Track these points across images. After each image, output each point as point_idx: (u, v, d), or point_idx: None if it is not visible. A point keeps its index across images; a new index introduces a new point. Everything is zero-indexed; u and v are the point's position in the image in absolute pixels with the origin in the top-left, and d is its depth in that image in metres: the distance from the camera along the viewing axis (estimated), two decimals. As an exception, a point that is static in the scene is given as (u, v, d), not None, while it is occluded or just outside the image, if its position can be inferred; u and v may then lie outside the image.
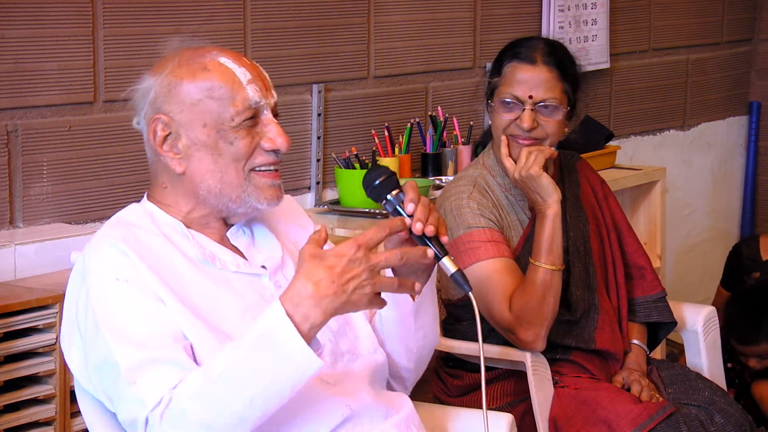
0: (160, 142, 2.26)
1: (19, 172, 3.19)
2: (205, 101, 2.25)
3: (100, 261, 2.20)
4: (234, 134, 2.25)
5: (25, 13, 3.18)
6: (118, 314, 2.15)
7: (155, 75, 2.28)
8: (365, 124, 4.07)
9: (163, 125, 2.26)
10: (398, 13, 4.19)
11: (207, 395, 2.07)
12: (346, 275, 2.07)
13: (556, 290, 3.05)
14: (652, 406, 3.03)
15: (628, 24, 5.23)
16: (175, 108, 2.25)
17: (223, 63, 2.27)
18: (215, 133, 2.25)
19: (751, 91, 6.09)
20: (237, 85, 2.26)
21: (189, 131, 2.25)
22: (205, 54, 2.28)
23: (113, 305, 2.16)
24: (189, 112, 2.25)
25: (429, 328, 2.46)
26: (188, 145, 2.26)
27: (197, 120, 2.25)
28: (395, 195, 2.25)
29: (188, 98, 2.25)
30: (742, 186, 6.15)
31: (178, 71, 2.26)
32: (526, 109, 3.09)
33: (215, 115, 2.25)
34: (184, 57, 2.28)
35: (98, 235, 2.26)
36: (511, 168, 3.08)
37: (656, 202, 4.49)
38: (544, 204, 3.06)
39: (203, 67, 2.26)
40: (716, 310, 3.56)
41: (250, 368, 2.06)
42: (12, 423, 2.84)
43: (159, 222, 2.29)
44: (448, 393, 3.28)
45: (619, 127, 5.17)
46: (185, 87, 2.25)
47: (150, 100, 2.28)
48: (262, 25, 3.74)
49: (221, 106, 2.25)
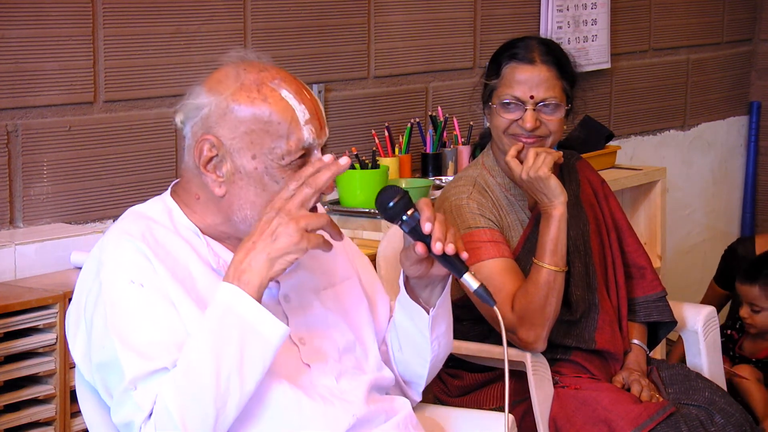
0: (204, 162, 2.22)
1: (19, 172, 3.19)
2: (259, 133, 2.20)
3: (117, 259, 2.19)
4: (281, 174, 2.22)
5: (25, 13, 3.18)
6: (128, 318, 2.15)
7: (212, 93, 2.22)
8: (365, 124, 4.07)
9: (210, 146, 2.21)
10: (398, 13, 4.19)
11: (184, 388, 2.08)
12: (266, 229, 2.13)
13: (559, 291, 3.05)
14: (652, 406, 3.03)
15: (628, 24, 5.23)
16: (227, 133, 2.21)
17: (285, 98, 2.21)
18: (263, 167, 2.21)
19: (751, 91, 6.09)
20: (294, 124, 2.21)
21: (237, 158, 2.21)
22: (268, 81, 2.22)
23: (124, 308, 2.16)
24: (240, 140, 2.20)
25: (443, 337, 2.47)
26: (233, 172, 2.22)
27: (247, 149, 2.20)
28: (411, 215, 2.26)
29: (243, 126, 2.20)
30: (742, 186, 6.15)
31: (237, 95, 2.21)
32: (528, 110, 3.10)
33: (267, 150, 2.20)
34: (247, 81, 2.21)
35: (117, 229, 2.25)
36: (518, 168, 3.08)
37: (656, 202, 4.49)
38: (551, 205, 3.05)
39: (264, 97, 2.20)
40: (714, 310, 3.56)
41: (216, 349, 2.08)
42: (12, 423, 2.84)
43: (177, 222, 2.28)
44: (448, 393, 3.28)
45: (619, 127, 5.17)
46: (242, 114, 2.20)
47: (202, 117, 2.22)
48: (262, 25, 3.74)
49: (274, 142, 2.20)
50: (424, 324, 2.41)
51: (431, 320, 2.39)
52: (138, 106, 3.43)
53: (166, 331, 2.15)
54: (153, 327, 2.15)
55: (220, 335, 2.09)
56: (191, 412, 2.09)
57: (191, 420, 2.09)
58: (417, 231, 2.25)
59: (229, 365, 2.09)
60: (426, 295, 2.39)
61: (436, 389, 3.31)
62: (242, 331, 2.10)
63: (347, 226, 3.70)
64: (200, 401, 2.09)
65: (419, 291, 2.39)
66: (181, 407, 2.08)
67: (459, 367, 3.25)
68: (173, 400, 2.08)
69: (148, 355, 2.13)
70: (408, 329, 2.44)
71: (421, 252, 2.25)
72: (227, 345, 2.09)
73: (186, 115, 2.26)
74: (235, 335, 2.09)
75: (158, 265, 2.19)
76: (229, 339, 2.09)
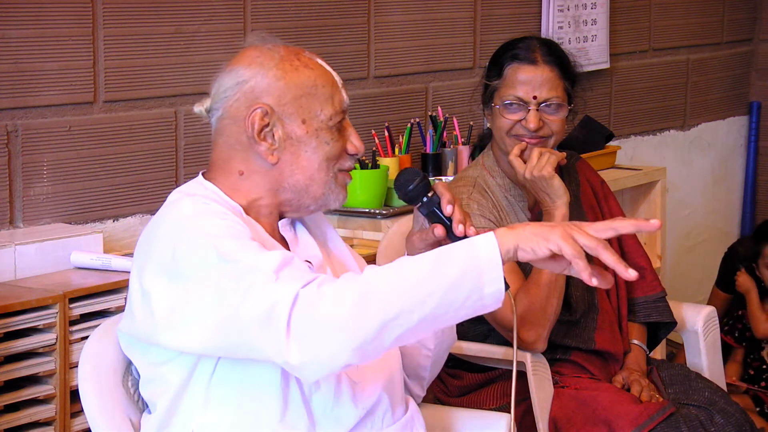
0: (258, 131, 2.27)
1: (19, 172, 3.19)
2: (306, 98, 2.28)
3: (202, 211, 2.19)
4: (329, 135, 2.30)
5: (25, 13, 3.18)
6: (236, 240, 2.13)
7: (254, 67, 2.28)
8: (365, 124, 4.07)
9: (263, 114, 2.27)
10: (398, 13, 4.20)
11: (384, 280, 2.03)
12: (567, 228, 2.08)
13: (560, 292, 3.05)
14: (652, 406, 3.03)
15: (628, 24, 5.23)
16: (276, 100, 2.28)
17: (321, 64, 2.33)
18: (313, 130, 2.29)
19: (751, 91, 6.09)
20: (335, 87, 2.32)
21: (287, 124, 2.28)
22: (302, 52, 2.33)
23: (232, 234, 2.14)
24: (290, 106, 2.28)
25: (447, 326, 2.48)
26: (284, 138, 2.28)
27: (297, 115, 2.28)
28: (431, 197, 2.30)
29: (290, 93, 2.28)
30: (742, 186, 6.15)
31: (282, 65, 2.29)
32: (531, 110, 3.10)
33: (315, 113, 2.29)
34: (284, 53, 2.31)
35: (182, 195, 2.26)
36: (521, 168, 3.08)
37: (656, 202, 4.49)
38: (553, 205, 3.06)
39: (305, 64, 2.30)
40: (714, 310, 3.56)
41: (438, 262, 2.03)
42: (12, 423, 2.84)
43: (226, 201, 2.29)
44: (448, 393, 3.28)
45: (619, 127, 5.17)
46: (290, 81, 2.28)
47: (245, 90, 2.28)
48: (262, 25, 3.74)
49: (321, 105, 2.29)
50: None
51: None
52: (138, 106, 3.43)
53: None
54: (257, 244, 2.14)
55: (448, 256, 2.05)
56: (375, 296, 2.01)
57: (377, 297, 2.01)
58: (435, 213, 2.28)
59: (437, 283, 2.02)
60: None
61: (436, 389, 3.31)
62: (468, 267, 2.04)
63: (347, 226, 3.70)
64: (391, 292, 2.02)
65: None
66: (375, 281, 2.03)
67: (459, 367, 3.25)
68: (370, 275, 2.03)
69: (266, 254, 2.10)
70: None
71: (440, 234, 2.28)
72: (447, 266, 2.03)
73: (217, 98, 2.30)
74: (459, 265, 2.04)
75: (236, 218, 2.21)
76: (451, 262, 2.04)
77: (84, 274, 3.04)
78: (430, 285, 2.02)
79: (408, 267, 2.05)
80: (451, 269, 2.03)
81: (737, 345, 4.95)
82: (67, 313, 2.89)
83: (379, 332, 2.01)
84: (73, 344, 2.91)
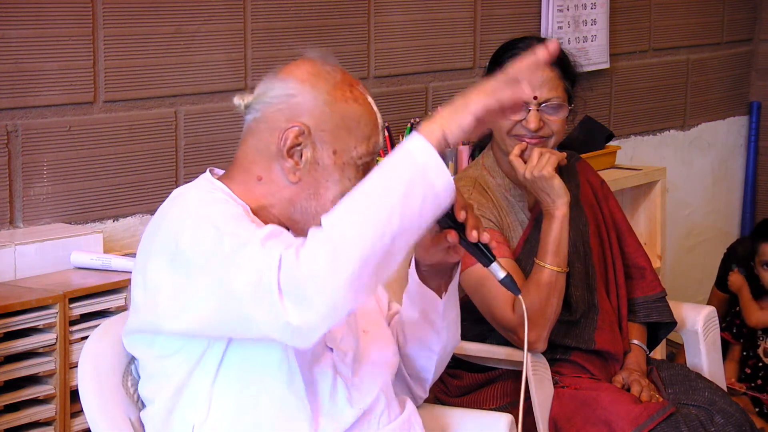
0: (289, 147, 2.26)
1: (19, 172, 3.19)
2: (345, 130, 2.27)
3: (207, 200, 2.21)
4: (354, 172, 2.28)
5: (25, 13, 3.18)
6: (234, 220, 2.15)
7: (307, 84, 2.27)
8: (365, 124, 4.06)
9: (299, 133, 2.25)
10: (398, 13, 4.19)
11: (345, 220, 2.04)
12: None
13: (560, 292, 3.05)
14: (652, 406, 3.03)
15: (628, 24, 5.23)
16: (317, 124, 2.26)
17: (370, 102, 2.32)
18: (341, 163, 2.27)
19: (751, 91, 6.09)
20: (375, 128, 2.32)
21: (318, 150, 2.26)
22: (356, 85, 2.32)
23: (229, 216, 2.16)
24: (328, 134, 2.26)
25: (452, 326, 2.50)
26: (312, 162, 2.26)
27: (331, 144, 2.26)
28: None
29: (332, 121, 2.26)
30: (742, 186, 6.15)
31: (334, 92, 2.27)
32: (531, 110, 3.10)
33: (348, 147, 2.27)
34: (339, 79, 2.29)
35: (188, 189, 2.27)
36: (521, 167, 3.08)
37: (656, 202, 4.49)
38: (553, 205, 3.06)
39: (356, 98, 2.29)
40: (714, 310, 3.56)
41: (384, 180, 2.06)
42: (12, 423, 2.84)
43: (235, 200, 2.28)
44: (448, 393, 3.28)
45: (619, 127, 5.17)
46: (336, 109, 2.27)
47: (291, 104, 2.27)
48: (262, 25, 3.74)
49: (357, 141, 2.28)
50: (435, 311, 2.43)
51: (443, 305, 2.43)
52: (138, 106, 3.43)
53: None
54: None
55: (390, 173, 2.07)
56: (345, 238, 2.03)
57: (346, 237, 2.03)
58: (447, 218, 2.27)
59: (392, 202, 2.04)
60: (435, 283, 2.42)
61: (436, 389, 3.31)
62: (411, 174, 2.06)
63: (347, 226, 3.70)
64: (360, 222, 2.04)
65: (430, 279, 2.42)
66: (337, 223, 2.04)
67: (459, 367, 3.25)
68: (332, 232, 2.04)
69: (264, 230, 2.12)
70: (416, 321, 2.47)
71: (453, 240, 2.28)
72: (394, 183, 2.06)
73: (260, 99, 2.29)
74: (403, 176, 2.06)
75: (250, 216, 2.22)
76: (396, 178, 2.06)
77: (84, 274, 3.04)
78: (387, 206, 2.04)
79: (360, 199, 2.06)
80: (399, 183, 2.05)
81: (735, 341, 4.96)
82: (67, 313, 2.89)
83: (363, 267, 2.02)
84: (73, 344, 2.91)
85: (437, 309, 2.43)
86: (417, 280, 2.42)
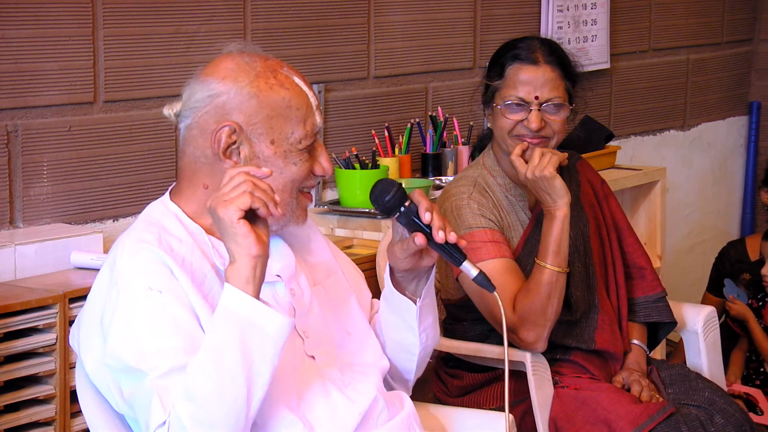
0: (224, 149, 2.24)
1: (19, 172, 3.19)
2: (278, 118, 2.25)
3: (135, 268, 2.18)
4: (298, 156, 2.26)
5: (25, 13, 3.18)
6: (147, 325, 2.14)
7: (228, 81, 2.25)
8: (365, 124, 4.07)
9: (230, 132, 2.23)
10: (398, 13, 4.20)
11: (194, 390, 2.06)
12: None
13: (561, 292, 3.05)
14: (652, 406, 3.03)
15: (628, 24, 5.23)
16: (247, 119, 2.24)
17: (298, 84, 2.28)
18: (282, 151, 2.25)
19: (751, 91, 6.10)
20: (309, 109, 2.28)
21: (255, 144, 2.25)
22: (279, 69, 2.28)
23: (144, 315, 2.14)
24: (261, 126, 2.24)
25: (430, 329, 2.48)
26: (250, 157, 2.24)
27: (266, 134, 2.25)
28: (408, 206, 2.28)
29: (263, 112, 2.24)
30: (742, 186, 6.15)
31: (257, 82, 2.25)
32: (533, 110, 3.10)
33: (285, 134, 2.25)
34: (260, 68, 2.26)
35: (131, 238, 2.24)
36: (522, 167, 3.08)
37: (656, 202, 4.49)
38: (554, 205, 3.05)
39: (281, 83, 2.26)
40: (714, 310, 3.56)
41: (218, 349, 2.06)
42: (12, 423, 2.84)
43: (185, 225, 2.27)
44: (448, 393, 3.28)
45: (619, 127, 5.17)
46: (262, 100, 2.24)
47: (217, 104, 2.24)
48: (262, 25, 3.74)
49: (292, 126, 2.26)
50: (411, 316, 2.42)
51: (419, 311, 2.41)
52: (138, 106, 3.43)
53: (185, 336, 2.14)
54: (172, 333, 2.13)
55: (221, 335, 2.07)
56: (205, 416, 2.06)
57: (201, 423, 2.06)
58: (414, 222, 2.26)
59: (232, 364, 2.06)
60: (412, 287, 2.41)
61: (436, 389, 3.31)
62: (241, 328, 2.07)
63: (347, 226, 3.70)
64: (208, 403, 2.06)
65: (406, 284, 2.41)
66: (196, 413, 2.06)
67: (459, 367, 3.25)
68: (186, 406, 2.06)
69: (166, 356, 2.11)
70: (394, 325, 2.46)
71: (421, 242, 2.27)
72: (227, 343, 2.06)
73: (187, 105, 2.27)
74: (235, 333, 2.07)
75: (177, 270, 2.18)
76: (229, 338, 2.06)
77: (84, 274, 3.04)
78: (230, 367, 2.06)
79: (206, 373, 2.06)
80: (232, 344, 2.06)
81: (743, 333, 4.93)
82: (67, 313, 2.88)
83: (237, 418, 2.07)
84: (73, 344, 2.91)
85: (414, 314, 2.42)
86: (391, 286, 2.41)
